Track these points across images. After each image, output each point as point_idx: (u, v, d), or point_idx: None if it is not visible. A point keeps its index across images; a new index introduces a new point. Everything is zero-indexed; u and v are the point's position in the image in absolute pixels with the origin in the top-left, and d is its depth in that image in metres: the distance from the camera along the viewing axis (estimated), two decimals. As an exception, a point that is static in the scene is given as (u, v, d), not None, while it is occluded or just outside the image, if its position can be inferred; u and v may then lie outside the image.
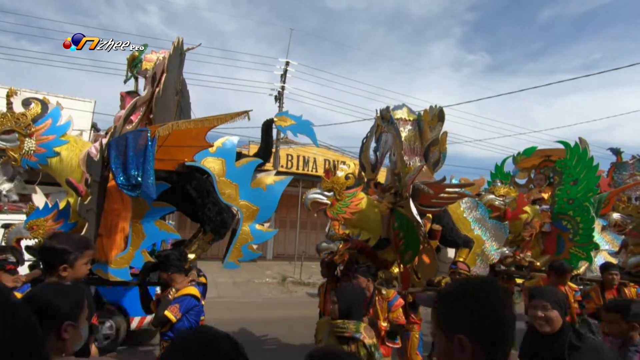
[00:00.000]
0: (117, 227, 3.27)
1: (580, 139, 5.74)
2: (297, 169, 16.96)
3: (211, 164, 3.70)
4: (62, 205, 3.25)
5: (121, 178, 2.68)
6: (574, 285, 4.71)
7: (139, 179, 2.63)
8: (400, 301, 3.83)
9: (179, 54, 3.78)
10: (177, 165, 3.46)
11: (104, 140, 3.08)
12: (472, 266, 4.84)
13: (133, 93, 3.95)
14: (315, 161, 17.39)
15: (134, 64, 4.00)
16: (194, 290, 3.20)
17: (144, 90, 3.78)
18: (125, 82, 4.11)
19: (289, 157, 17.05)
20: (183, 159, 3.40)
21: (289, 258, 16.38)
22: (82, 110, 11.22)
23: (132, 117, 3.48)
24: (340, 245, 5.08)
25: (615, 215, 6.35)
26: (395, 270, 4.46)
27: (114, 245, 3.27)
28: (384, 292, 3.87)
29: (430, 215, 4.26)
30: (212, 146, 3.50)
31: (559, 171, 5.50)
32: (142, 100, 3.34)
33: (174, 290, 3.19)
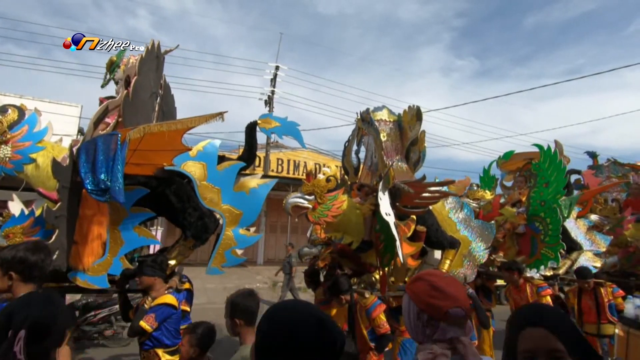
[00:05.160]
0: (94, 234, 3.19)
1: (555, 141, 5.86)
2: (288, 173, 16.97)
3: (192, 168, 3.64)
4: (38, 212, 3.19)
5: (90, 183, 2.62)
6: (538, 282, 4.86)
7: (108, 183, 2.57)
8: (380, 308, 3.77)
9: (154, 56, 3.73)
10: (155, 170, 3.40)
11: (76, 146, 3.02)
12: (459, 267, 4.85)
13: (112, 98, 3.90)
14: (305, 165, 17.40)
15: (112, 68, 3.95)
16: (170, 299, 3.16)
17: (116, 93, 3.74)
18: (102, 86, 4.05)
19: (279, 161, 17.04)
20: (162, 163, 3.33)
21: (279, 263, 16.25)
22: (69, 115, 11.15)
23: (108, 121, 3.42)
24: (323, 250, 5.04)
25: (593, 217, 6.57)
26: (377, 274, 4.43)
27: (91, 252, 3.20)
28: (366, 296, 3.84)
29: (414, 217, 4.24)
30: (190, 149, 3.44)
31: (534, 174, 5.67)
32: (115, 103, 3.27)
33: (149, 299, 3.15)
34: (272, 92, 17.48)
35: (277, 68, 17.66)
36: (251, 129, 4.08)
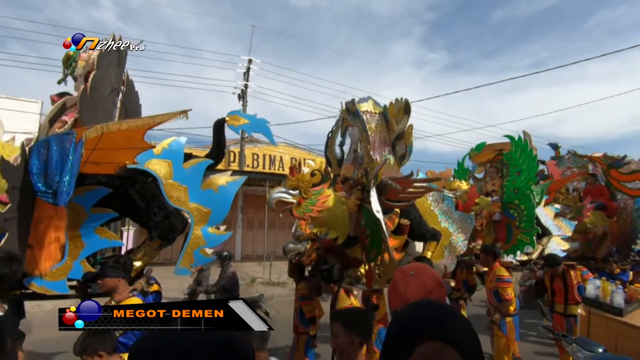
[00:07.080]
0: (51, 237, 2.98)
1: (524, 132, 6.08)
2: (264, 168, 16.76)
3: (156, 166, 3.45)
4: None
5: (41, 185, 2.42)
6: (501, 273, 4.83)
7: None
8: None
9: (115, 51, 3.52)
10: (117, 169, 3.21)
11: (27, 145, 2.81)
12: (440, 259, 4.83)
13: (64, 94, 3.66)
14: (281, 160, 17.23)
15: (68, 63, 3.70)
16: (135, 302, 2.98)
17: (75, 89, 3.53)
18: (59, 82, 3.80)
19: (255, 156, 16.81)
20: (123, 161, 3.16)
21: (257, 259, 16.13)
22: (29, 112, 10.62)
23: (65, 118, 3.21)
24: (308, 245, 4.93)
25: (557, 206, 6.82)
26: (362, 269, 4.35)
27: (49, 256, 2.99)
28: (354, 292, 3.78)
29: (398, 210, 4.18)
30: (154, 147, 3.27)
31: (506, 163, 5.88)
32: (73, 100, 3.06)
33: (113, 303, 2.97)
34: (246, 86, 17.15)
35: (250, 61, 17.32)
36: (219, 126, 3.96)
